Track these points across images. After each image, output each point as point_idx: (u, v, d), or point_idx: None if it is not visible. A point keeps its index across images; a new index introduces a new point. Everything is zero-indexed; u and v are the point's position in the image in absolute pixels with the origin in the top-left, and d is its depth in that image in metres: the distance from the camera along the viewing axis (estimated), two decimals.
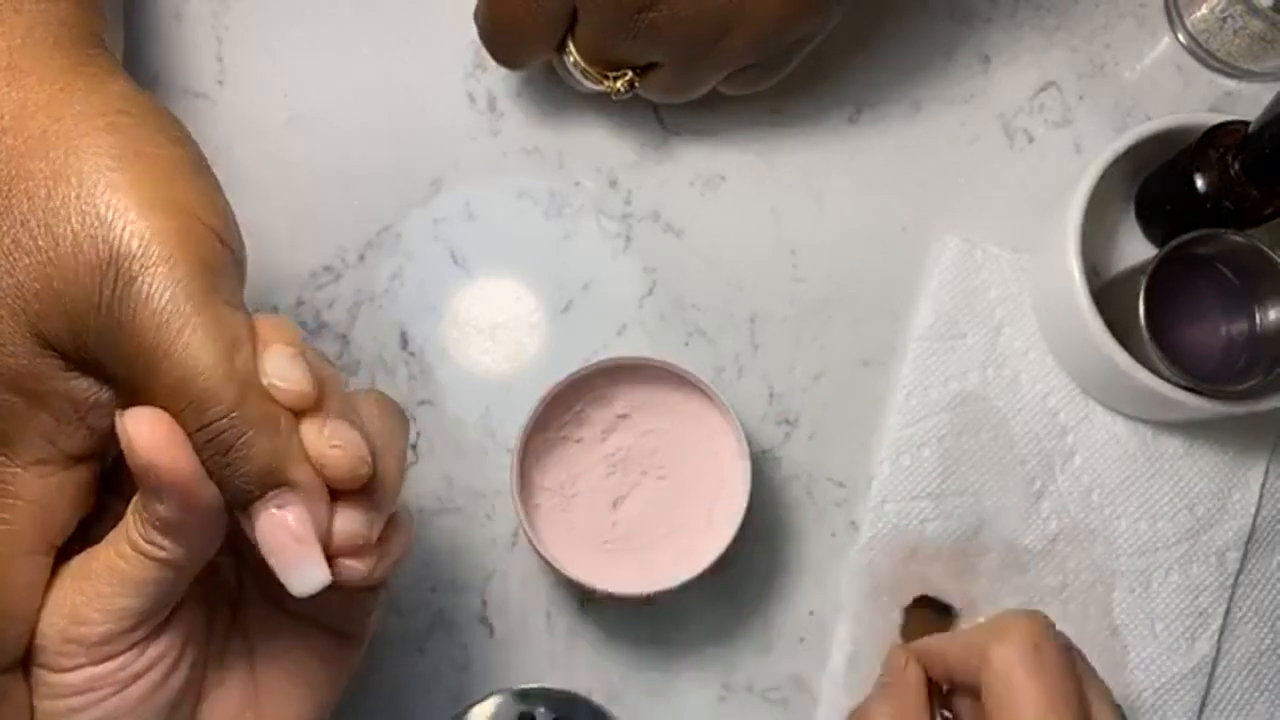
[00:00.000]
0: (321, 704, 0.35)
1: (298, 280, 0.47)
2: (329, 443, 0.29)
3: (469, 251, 0.48)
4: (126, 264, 0.28)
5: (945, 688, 0.40)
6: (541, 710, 0.44)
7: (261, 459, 0.28)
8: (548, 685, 0.44)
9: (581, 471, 0.44)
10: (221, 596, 0.35)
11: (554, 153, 0.49)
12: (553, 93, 0.48)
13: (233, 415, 0.28)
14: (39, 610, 0.30)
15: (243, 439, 0.28)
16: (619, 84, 0.45)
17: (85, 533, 0.32)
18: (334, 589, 0.29)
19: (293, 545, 0.28)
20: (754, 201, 0.49)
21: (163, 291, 0.28)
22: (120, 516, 0.31)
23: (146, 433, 0.27)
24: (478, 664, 0.45)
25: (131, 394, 0.29)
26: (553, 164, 0.49)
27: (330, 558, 0.29)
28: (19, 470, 0.30)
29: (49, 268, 0.28)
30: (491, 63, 0.46)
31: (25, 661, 0.30)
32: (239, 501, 0.29)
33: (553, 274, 0.48)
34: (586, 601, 0.46)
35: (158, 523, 0.29)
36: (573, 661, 0.45)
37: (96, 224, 0.28)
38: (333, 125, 0.48)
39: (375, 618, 0.36)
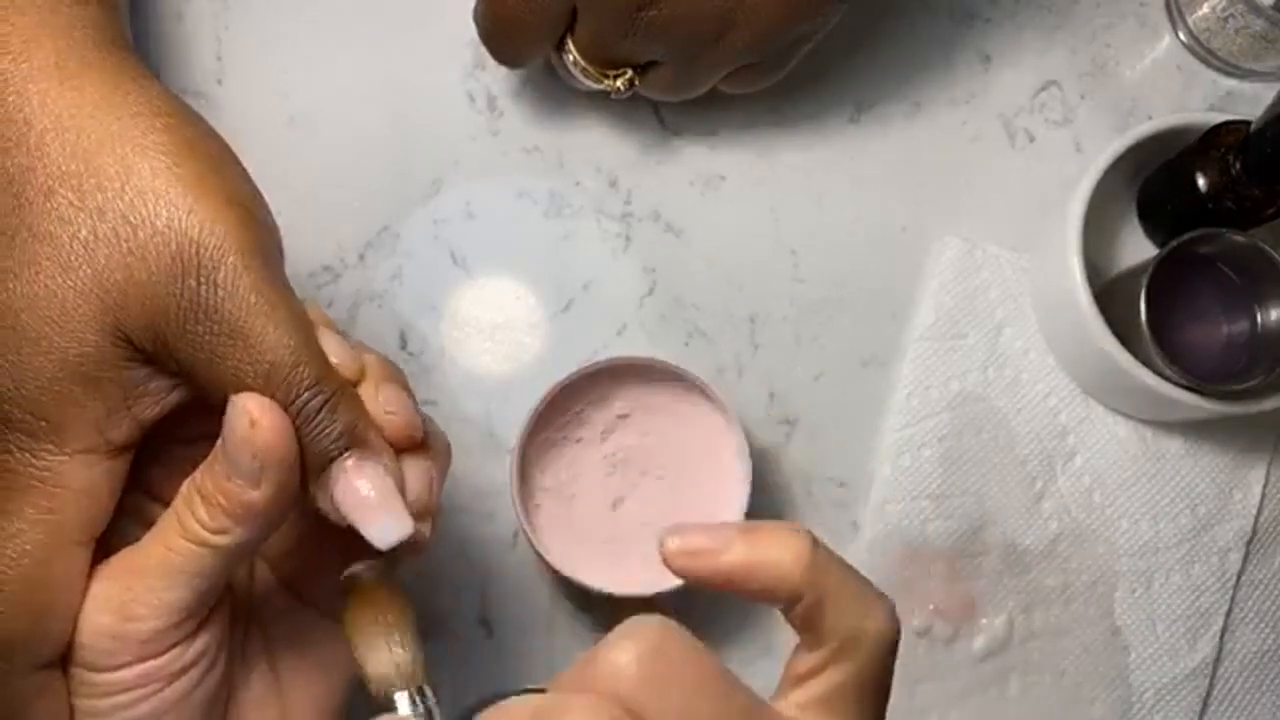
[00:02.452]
0: (338, 684, 0.36)
1: (297, 280, 0.46)
2: (385, 408, 0.32)
3: (469, 251, 0.48)
4: (208, 253, 0.29)
5: None
6: None
7: (345, 421, 0.30)
8: (547, 685, 0.44)
9: (581, 472, 0.44)
10: (237, 588, 0.35)
11: (554, 152, 0.49)
12: (553, 92, 0.48)
13: (321, 384, 0.30)
14: (80, 606, 0.30)
15: (327, 405, 0.30)
16: (619, 82, 0.45)
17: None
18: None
19: (377, 499, 0.30)
20: (754, 201, 0.49)
21: (246, 277, 0.29)
22: (140, 513, 0.31)
23: (269, 415, 0.29)
24: (477, 664, 0.45)
25: (208, 380, 0.30)
26: (553, 164, 0.48)
27: None
28: (66, 459, 0.30)
29: (130, 257, 0.29)
30: (491, 62, 0.45)
31: (63, 660, 0.30)
32: (320, 464, 0.30)
33: (553, 274, 0.48)
34: (586, 601, 0.46)
35: (241, 509, 0.29)
36: (572, 661, 0.45)
37: (174, 215, 0.29)
38: (333, 125, 0.48)
39: None
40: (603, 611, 0.46)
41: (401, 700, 0.30)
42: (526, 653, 0.45)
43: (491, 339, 0.47)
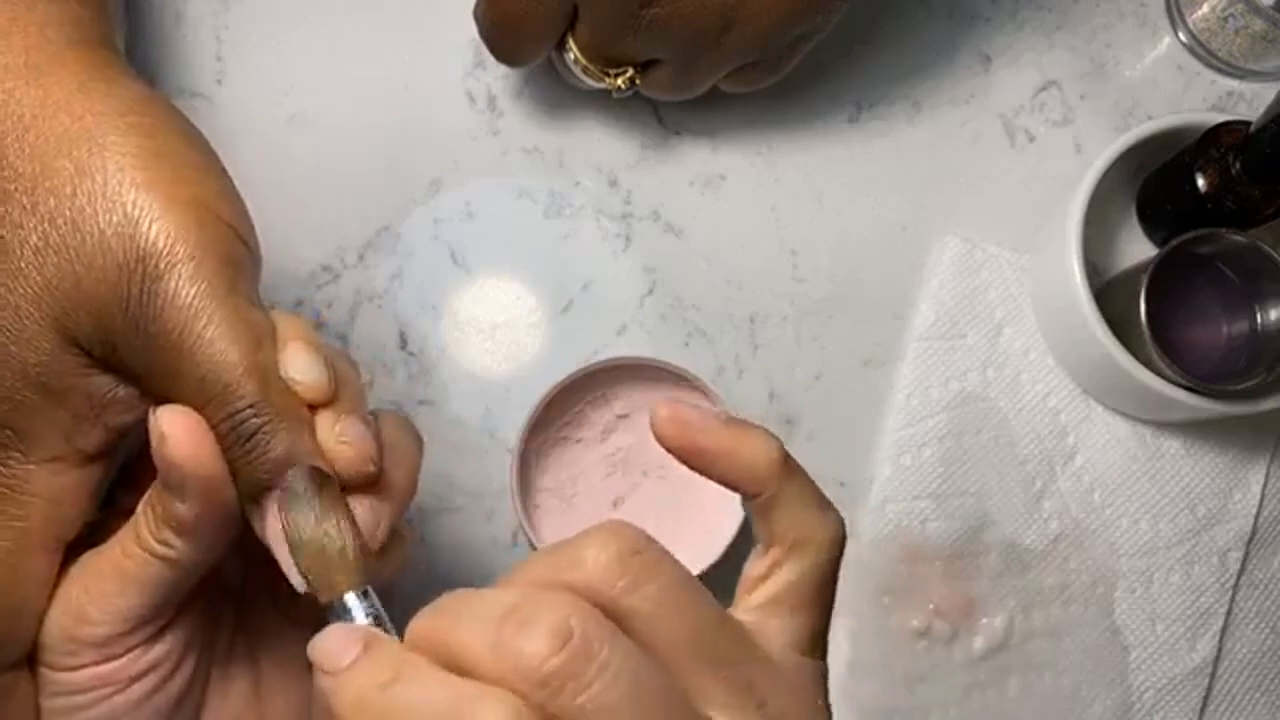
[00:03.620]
0: None
1: (297, 280, 0.47)
2: (339, 438, 0.30)
3: (469, 251, 0.48)
4: (153, 261, 0.28)
5: None
6: None
7: (280, 449, 0.29)
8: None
9: (581, 471, 0.44)
10: (225, 599, 0.35)
11: (554, 152, 0.49)
12: (553, 92, 0.48)
13: (256, 405, 0.28)
14: (47, 607, 0.30)
15: (264, 428, 0.28)
16: (620, 81, 0.45)
17: (90, 532, 0.32)
18: None
19: None
20: (754, 201, 0.49)
21: (189, 288, 0.28)
22: (126, 516, 0.31)
23: (179, 430, 0.28)
24: None
25: (155, 389, 0.29)
26: (553, 164, 0.48)
27: None
28: (33, 467, 0.30)
29: (76, 264, 0.28)
30: (492, 61, 0.45)
31: (31, 659, 0.30)
32: (253, 492, 0.29)
33: (553, 274, 0.48)
34: None
35: (174, 522, 0.29)
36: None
37: (123, 222, 0.28)
38: (333, 125, 0.48)
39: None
40: None
41: (350, 600, 0.28)
42: None
43: (491, 339, 0.47)
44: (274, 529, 0.29)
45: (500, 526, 0.46)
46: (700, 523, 0.44)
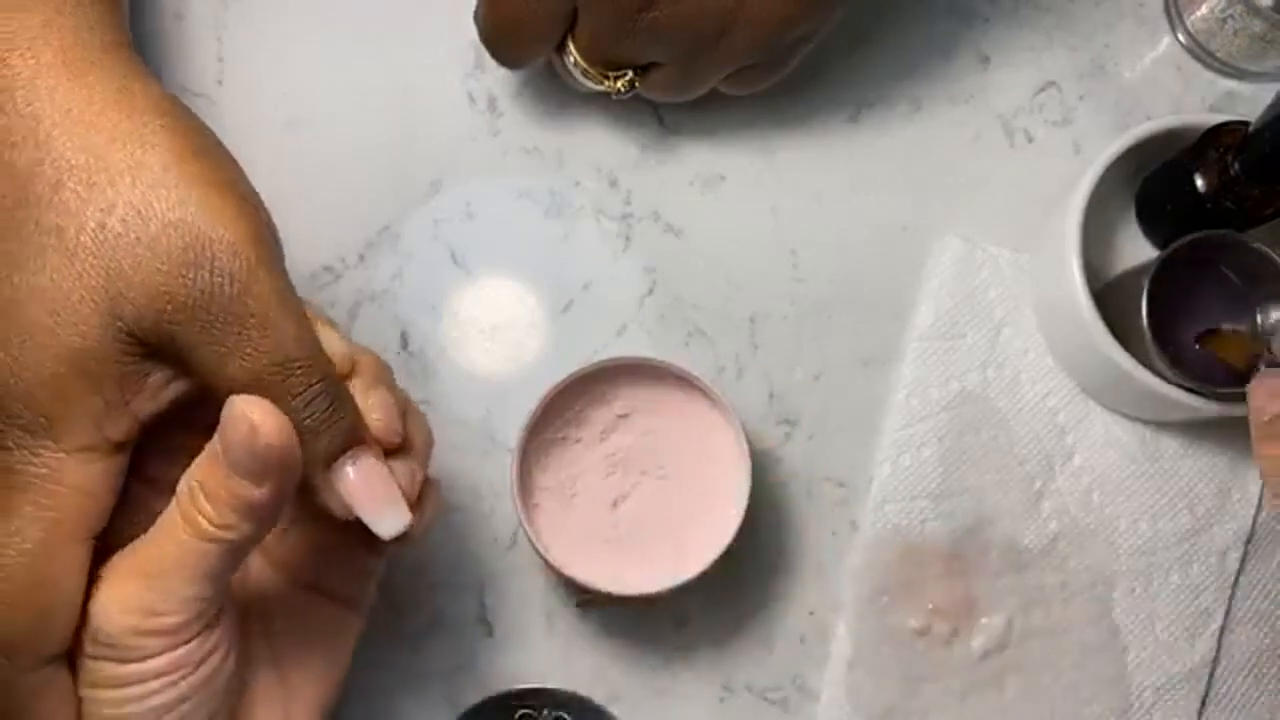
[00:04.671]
0: (338, 676, 0.37)
1: (298, 280, 0.46)
2: (372, 410, 0.33)
3: (469, 251, 0.48)
4: (221, 246, 0.30)
5: None
6: (542, 710, 0.44)
7: (350, 419, 0.32)
8: (548, 685, 0.44)
9: (581, 471, 0.44)
10: (233, 589, 0.36)
11: (554, 153, 0.49)
12: (553, 93, 0.48)
13: (326, 381, 0.31)
14: (83, 601, 0.31)
15: (334, 402, 0.31)
16: (619, 84, 0.45)
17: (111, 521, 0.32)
18: (339, 559, 0.33)
19: (382, 492, 0.32)
20: (754, 201, 0.49)
21: (253, 273, 0.30)
22: (141, 501, 0.32)
23: (270, 418, 0.29)
24: (476, 664, 0.45)
25: (213, 375, 0.30)
26: (553, 164, 0.48)
27: None
28: (64, 456, 0.30)
29: (139, 248, 0.30)
30: (491, 62, 0.46)
31: (70, 652, 0.31)
32: (324, 462, 0.31)
33: (553, 274, 0.48)
34: (586, 601, 0.46)
35: (244, 506, 0.30)
36: (573, 661, 0.45)
37: (186, 210, 0.30)
38: (333, 125, 0.48)
39: (374, 585, 0.38)
40: (603, 611, 0.46)
41: None
42: (526, 653, 0.45)
43: (491, 339, 0.47)
44: (354, 487, 0.32)
45: (500, 526, 0.46)
46: (700, 522, 0.44)
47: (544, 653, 0.45)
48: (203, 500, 0.30)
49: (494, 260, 0.48)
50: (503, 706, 0.44)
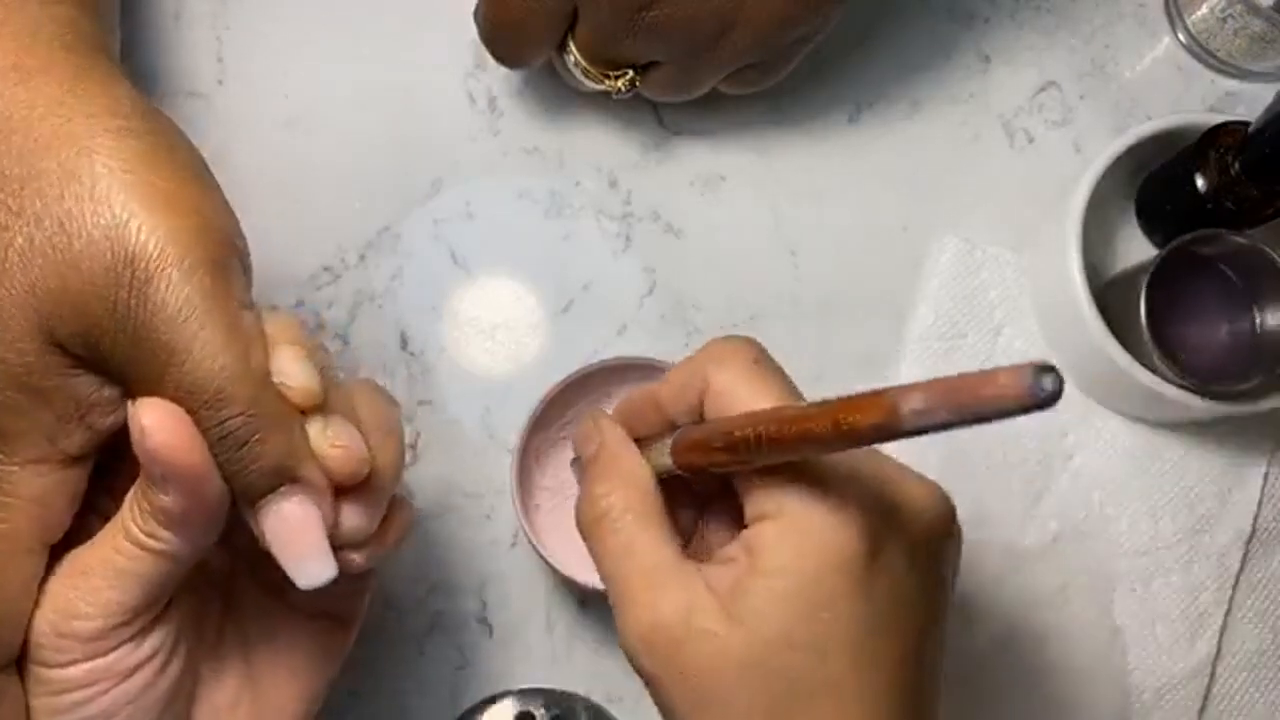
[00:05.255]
0: (315, 689, 0.36)
1: (297, 281, 0.47)
2: (331, 442, 0.30)
3: (469, 251, 0.48)
4: (143, 264, 0.28)
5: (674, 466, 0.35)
6: (541, 710, 0.44)
7: (274, 456, 0.29)
8: (548, 685, 0.44)
9: None
10: (213, 587, 0.35)
11: (554, 153, 0.49)
12: (553, 93, 0.48)
13: (249, 413, 0.28)
14: (34, 608, 0.30)
15: (257, 436, 0.28)
16: (620, 83, 0.45)
17: (73, 530, 0.31)
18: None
19: (302, 541, 0.29)
20: (754, 201, 0.49)
21: (179, 291, 0.28)
22: (109, 516, 0.31)
23: (159, 422, 0.28)
24: (477, 664, 0.45)
25: (143, 393, 0.29)
26: (553, 164, 0.48)
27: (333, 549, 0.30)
28: (16, 469, 0.30)
29: (64, 266, 0.28)
30: (492, 62, 0.45)
31: (20, 660, 0.30)
32: (248, 497, 0.29)
33: (553, 274, 0.48)
34: (586, 601, 0.46)
35: (160, 515, 0.29)
36: (573, 661, 0.45)
37: (112, 224, 0.28)
38: (333, 125, 0.48)
39: (367, 600, 0.37)
40: (603, 611, 0.46)
41: None
42: (526, 653, 0.45)
43: (491, 339, 0.47)
44: (273, 531, 0.29)
45: (500, 526, 0.46)
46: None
47: (544, 653, 0.45)
48: (135, 507, 0.29)
49: (494, 260, 0.48)
50: (503, 706, 0.44)
